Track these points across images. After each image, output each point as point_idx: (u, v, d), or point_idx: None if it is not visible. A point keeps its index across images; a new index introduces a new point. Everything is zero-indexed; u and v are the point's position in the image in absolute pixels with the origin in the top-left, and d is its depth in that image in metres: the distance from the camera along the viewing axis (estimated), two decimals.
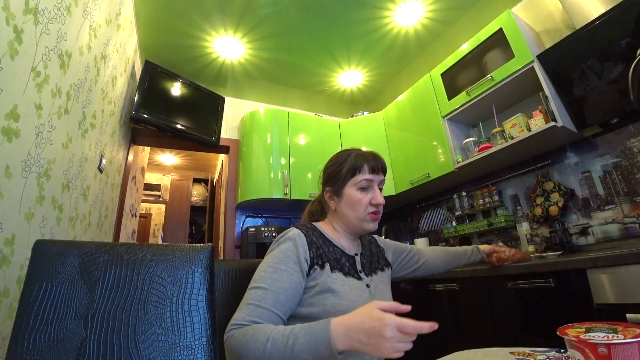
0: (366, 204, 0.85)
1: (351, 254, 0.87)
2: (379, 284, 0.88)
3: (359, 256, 0.89)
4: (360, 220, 0.86)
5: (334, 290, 0.74)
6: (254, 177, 2.54)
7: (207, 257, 0.53)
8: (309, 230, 0.84)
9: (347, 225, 0.89)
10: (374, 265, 0.91)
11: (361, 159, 0.87)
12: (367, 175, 0.85)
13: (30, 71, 0.93)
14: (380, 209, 0.88)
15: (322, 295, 0.73)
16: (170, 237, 5.00)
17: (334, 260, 0.81)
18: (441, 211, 2.63)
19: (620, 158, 1.61)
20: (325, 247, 0.83)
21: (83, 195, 1.50)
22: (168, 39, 2.31)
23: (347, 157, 0.89)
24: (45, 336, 0.43)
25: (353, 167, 0.86)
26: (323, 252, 0.80)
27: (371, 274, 0.88)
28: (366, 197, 0.85)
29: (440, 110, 2.27)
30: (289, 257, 0.75)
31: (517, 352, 0.56)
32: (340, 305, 0.72)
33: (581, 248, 1.71)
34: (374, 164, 0.87)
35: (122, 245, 0.52)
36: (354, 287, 0.78)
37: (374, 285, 0.85)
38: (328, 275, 0.76)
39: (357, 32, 2.35)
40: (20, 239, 0.92)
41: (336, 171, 0.89)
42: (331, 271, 0.78)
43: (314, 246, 0.80)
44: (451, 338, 1.71)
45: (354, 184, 0.86)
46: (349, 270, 0.82)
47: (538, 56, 1.70)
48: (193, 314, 0.49)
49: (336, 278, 0.77)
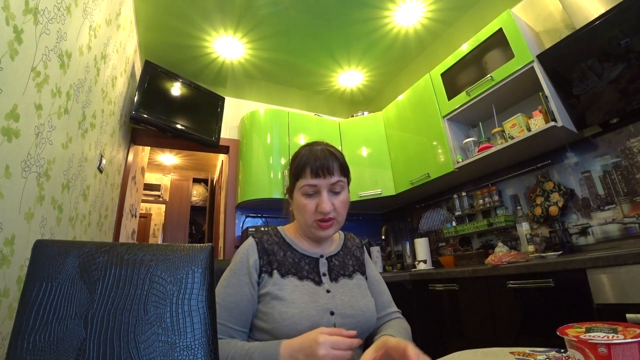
0: (312, 211, 0.76)
1: (315, 256, 0.81)
2: (352, 288, 0.79)
3: (324, 258, 0.82)
4: (308, 227, 0.78)
5: (281, 297, 0.70)
6: (254, 177, 2.54)
7: (207, 257, 0.53)
8: (263, 237, 0.81)
9: (301, 228, 0.83)
10: (349, 269, 0.83)
11: (305, 159, 0.77)
12: (310, 180, 0.75)
13: (30, 71, 0.93)
14: (331, 216, 0.76)
15: (270, 304, 0.70)
16: (170, 237, 5.00)
17: (289, 264, 0.77)
18: (441, 211, 2.63)
19: (620, 158, 1.61)
20: (282, 251, 0.79)
21: (83, 195, 1.50)
22: (168, 39, 2.31)
23: (297, 156, 0.80)
24: (45, 336, 0.43)
25: (296, 170, 0.78)
26: (275, 258, 0.77)
27: (340, 277, 0.80)
28: (311, 203, 0.76)
29: (440, 110, 2.27)
30: (239, 269, 0.74)
31: (517, 352, 0.56)
32: (286, 314, 0.68)
33: (581, 248, 1.71)
34: (316, 166, 0.75)
35: (122, 245, 0.52)
36: (307, 293, 0.73)
37: (340, 289, 0.77)
38: (276, 283, 0.72)
39: (357, 32, 2.35)
40: (20, 239, 0.92)
41: (290, 170, 0.82)
42: (282, 277, 0.74)
43: (265, 254, 0.77)
44: (451, 338, 1.71)
45: (299, 188, 0.77)
46: (308, 273, 0.77)
47: (538, 56, 1.70)
48: (193, 314, 0.49)
49: (287, 284, 0.73)
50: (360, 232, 3.11)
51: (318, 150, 0.78)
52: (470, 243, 2.36)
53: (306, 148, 0.82)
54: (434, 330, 1.84)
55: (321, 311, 0.71)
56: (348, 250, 0.89)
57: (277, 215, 2.82)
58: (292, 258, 0.78)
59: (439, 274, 1.83)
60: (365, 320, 0.76)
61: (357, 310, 0.75)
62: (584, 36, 1.49)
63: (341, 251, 0.87)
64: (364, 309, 0.76)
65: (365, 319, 0.76)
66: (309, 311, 0.70)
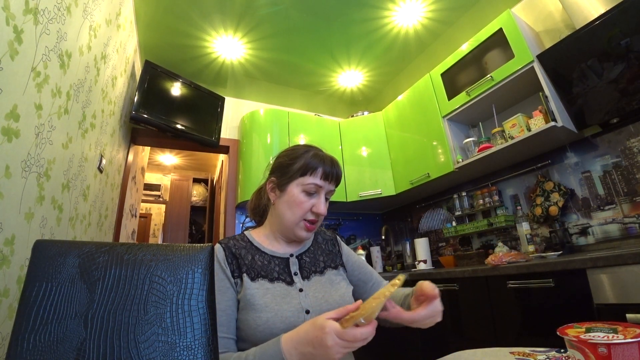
0: (306, 210, 0.78)
1: (284, 257, 0.80)
2: (325, 284, 0.78)
3: (294, 257, 0.81)
4: (293, 224, 0.78)
5: (253, 303, 0.69)
6: (254, 177, 2.54)
7: (207, 257, 0.53)
8: (230, 242, 0.79)
9: (279, 224, 0.81)
10: (320, 265, 0.82)
11: (318, 160, 0.80)
12: (318, 181, 0.78)
13: (30, 71, 0.93)
14: (319, 220, 0.80)
15: (244, 311, 0.69)
16: (170, 237, 5.00)
17: (258, 267, 0.75)
18: (441, 211, 2.63)
19: (620, 158, 1.61)
20: (250, 255, 0.77)
21: (83, 195, 1.50)
22: (168, 39, 2.31)
23: (304, 154, 0.82)
24: (45, 336, 0.43)
25: (305, 166, 0.79)
26: (244, 262, 0.75)
27: (312, 275, 0.79)
28: (308, 202, 0.78)
29: (440, 110, 2.27)
30: (218, 274, 0.72)
31: (517, 352, 0.56)
32: (260, 319, 0.66)
33: (581, 248, 1.71)
34: (329, 170, 0.79)
35: (122, 245, 0.52)
36: (280, 295, 0.72)
37: (312, 287, 0.76)
38: (247, 287, 0.71)
39: (357, 32, 2.35)
40: (20, 239, 0.92)
41: (287, 164, 0.82)
42: (251, 280, 0.72)
43: (234, 258, 0.75)
44: (451, 338, 1.71)
45: (301, 184, 0.78)
46: (279, 274, 0.76)
47: (538, 56, 1.70)
48: (193, 314, 0.49)
49: (258, 287, 0.72)
50: (360, 232, 3.11)
51: (326, 156, 0.82)
52: (470, 243, 2.36)
53: (310, 148, 0.84)
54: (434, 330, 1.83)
55: (296, 311, 0.69)
56: (318, 245, 0.88)
57: None
58: (260, 261, 0.77)
59: (439, 274, 1.83)
60: None
61: (332, 305, 0.73)
62: (584, 36, 1.49)
63: (311, 247, 0.86)
64: (340, 301, 0.75)
65: None
66: (283, 313, 0.68)
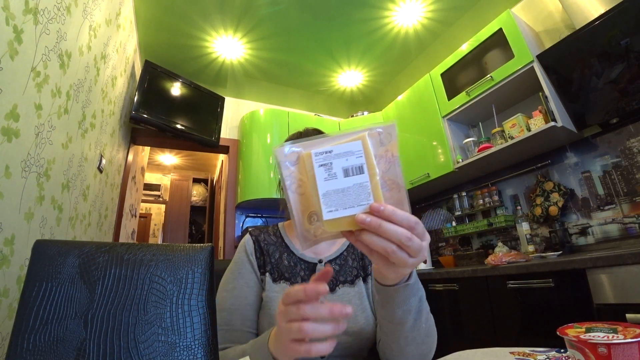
0: None
1: (313, 261, 0.72)
2: (352, 298, 0.68)
3: (323, 264, 0.72)
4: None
5: (270, 308, 0.65)
6: (254, 177, 2.54)
7: (207, 257, 0.53)
8: (261, 235, 0.75)
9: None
10: (352, 272, 0.73)
11: None
12: None
13: (30, 71, 0.93)
14: None
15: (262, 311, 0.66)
16: (170, 237, 5.00)
17: (283, 268, 0.70)
18: (441, 211, 2.63)
19: (620, 158, 1.61)
20: (278, 253, 0.73)
21: (83, 195, 1.49)
22: (168, 39, 2.31)
23: None
24: (45, 336, 0.43)
25: None
26: (270, 260, 0.71)
27: (339, 286, 0.70)
28: None
29: (440, 110, 2.27)
30: (244, 267, 0.70)
31: (517, 352, 0.56)
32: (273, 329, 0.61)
33: (581, 248, 1.71)
34: None
35: (122, 245, 0.52)
36: None
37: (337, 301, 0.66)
38: (268, 289, 0.67)
39: (357, 32, 2.35)
40: (20, 239, 0.92)
41: None
42: (273, 282, 0.68)
43: (261, 253, 0.72)
44: (451, 338, 1.71)
45: None
46: (302, 280, 0.69)
47: (538, 56, 1.70)
48: (193, 314, 0.49)
49: (278, 291, 0.67)
50: None
51: None
52: (470, 243, 2.36)
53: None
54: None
55: None
56: (353, 249, 0.77)
57: (277, 215, 2.82)
58: (287, 261, 0.72)
59: (439, 274, 1.82)
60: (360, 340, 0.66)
61: (355, 328, 0.65)
62: (584, 36, 1.49)
63: (344, 252, 0.76)
64: (364, 326, 0.66)
65: (361, 339, 0.66)
66: None
